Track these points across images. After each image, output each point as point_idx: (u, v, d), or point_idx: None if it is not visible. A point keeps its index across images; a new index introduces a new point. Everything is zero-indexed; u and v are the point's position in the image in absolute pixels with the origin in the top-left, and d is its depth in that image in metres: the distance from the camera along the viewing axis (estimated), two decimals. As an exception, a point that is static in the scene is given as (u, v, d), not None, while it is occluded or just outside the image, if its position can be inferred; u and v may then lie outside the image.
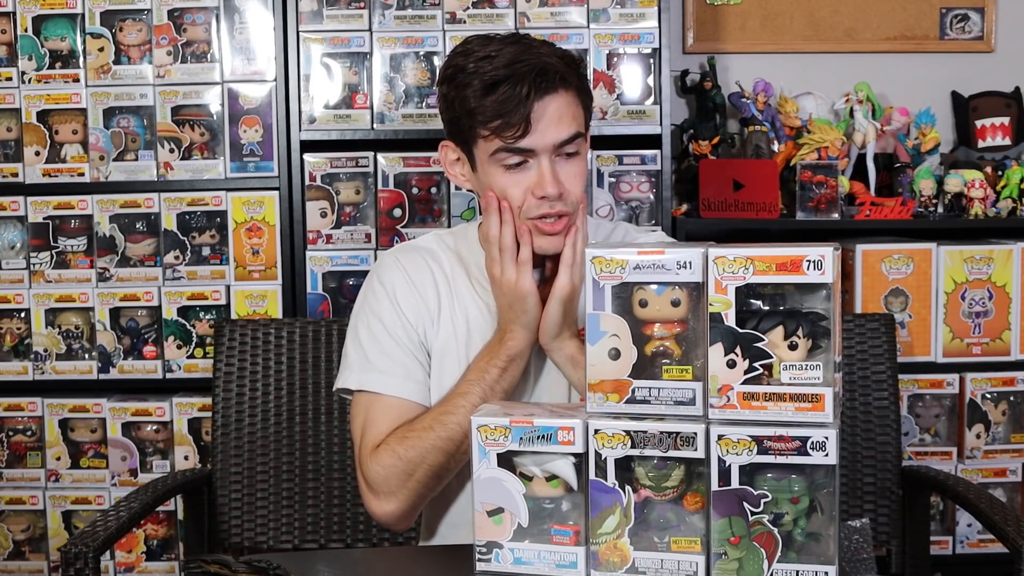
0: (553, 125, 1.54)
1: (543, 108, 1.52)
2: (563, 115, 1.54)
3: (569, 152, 1.57)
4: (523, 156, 1.55)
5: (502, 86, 1.51)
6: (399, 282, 1.66)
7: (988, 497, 1.86)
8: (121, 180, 2.52)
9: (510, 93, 1.51)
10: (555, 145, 1.55)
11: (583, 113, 1.59)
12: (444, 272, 1.69)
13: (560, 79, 1.53)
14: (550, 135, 1.54)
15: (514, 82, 1.51)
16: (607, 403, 1.25)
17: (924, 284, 2.55)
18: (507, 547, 1.30)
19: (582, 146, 1.60)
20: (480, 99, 1.53)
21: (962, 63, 2.91)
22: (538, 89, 1.51)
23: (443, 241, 1.73)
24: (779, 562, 1.20)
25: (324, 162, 2.51)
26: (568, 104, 1.55)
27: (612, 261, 1.24)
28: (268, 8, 2.49)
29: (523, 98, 1.50)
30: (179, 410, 2.53)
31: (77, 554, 1.63)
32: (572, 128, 1.56)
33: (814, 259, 1.18)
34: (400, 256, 1.71)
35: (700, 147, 2.68)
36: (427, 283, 1.67)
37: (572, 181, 1.57)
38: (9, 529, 2.58)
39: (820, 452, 1.18)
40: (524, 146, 1.53)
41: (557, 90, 1.53)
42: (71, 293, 2.53)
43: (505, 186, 1.57)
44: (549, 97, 1.52)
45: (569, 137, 1.55)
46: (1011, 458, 2.61)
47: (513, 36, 1.58)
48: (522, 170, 1.56)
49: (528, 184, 1.56)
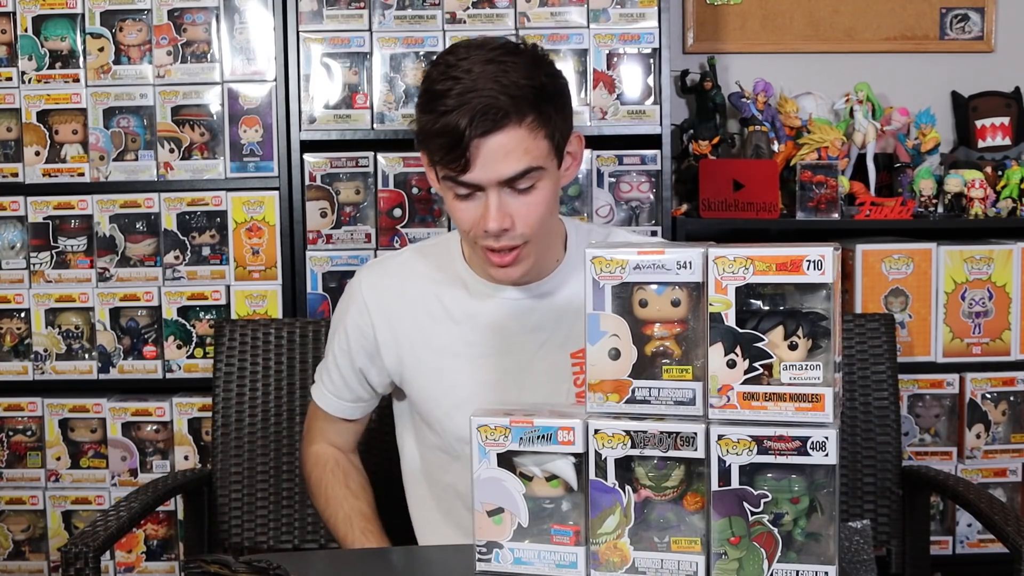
0: (497, 162, 1.51)
1: (486, 145, 1.49)
2: (511, 152, 1.51)
3: (522, 187, 1.54)
4: (470, 188, 1.54)
5: (446, 118, 1.49)
6: (354, 311, 1.74)
7: (988, 497, 1.86)
8: (121, 180, 2.52)
9: (453, 128, 1.48)
10: (500, 182, 1.52)
11: (546, 144, 1.54)
12: (420, 288, 1.72)
13: (505, 116, 1.49)
14: (493, 172, 1.51)
15: (457, 117, 1.48)
16: (607, 403, 1.25)
17: (924, 284, 2.55)
18: (507, 547, 1.30)
19: (540, 179, 1.55)
20: (428, 127, 1.52)
21: (962, 63, 2.91)
22: (478, 128, 1.48)
23: (423, 252, 1.76)
24: (779, 562, 1.20)
25: (324, 162, 2.51)
26: (518, 140, 1.51)
27: (612, 261, 1.24)
28: (268, 8, 2.49)
29: (462, 135, 1.48)
30: (179, 410, 2.53)
31: (77, 554, 1.63)
32: (522, 164, 1.52)
33: (814, 259, 1.18)
34: (370, 280, 1.75)
35: (700, 147, 2.67)
36: (398, 304, 1.72)
37: (524, 214, 1.55)
38: (9, 529, 2.58)
39: (820, 452, 1.18)
40: (467, 180, 1.52)
41: (503, 128, 1.49)
42: (71, 293, 2.53)
43: (454, 211, 1.58)
44: (493, 135, 1.49)
45: (516, 174, 1.52)
46: (1011, 458, 2.61)
47: (492, 53, 1.53)
48: (471, 199, 1.55)
49: (476, 214, 1.55)
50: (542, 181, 1.56)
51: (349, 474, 1.81)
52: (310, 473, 1.83)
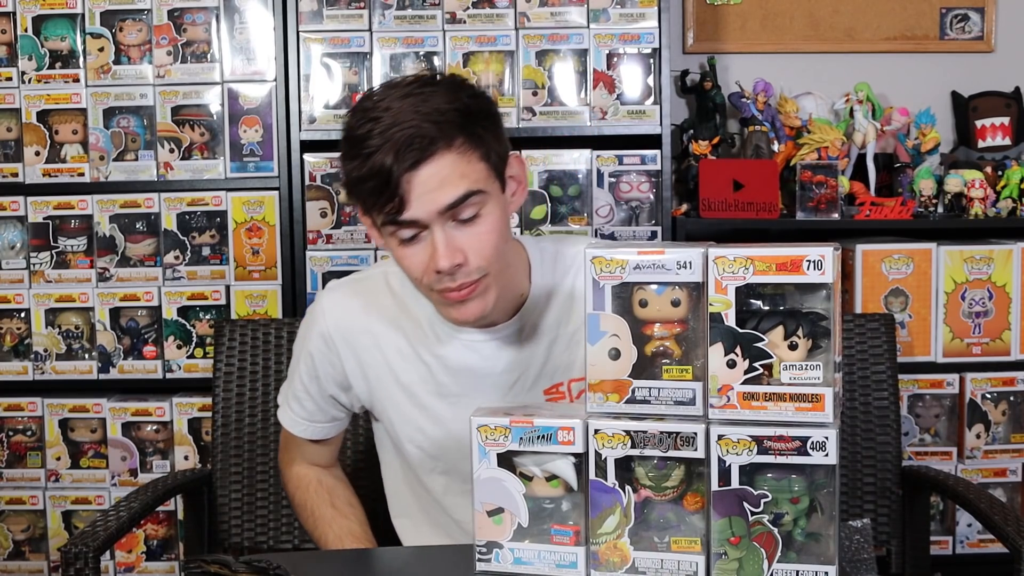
0: (433, 192, 1.42)
1: (418, 178, 1.41)
2: (445, 179, 1.43)
3: (466, 217, 1.45)
4: (412, 228, 1.45)
5: (372, 159, 1.42)
6: (318, 341, 1.67)
7: (988, 497, 1.86)
8: (121, 180, 2.52)
9: (380, 168, 1.41)
10: (440, 212, 1.43)
11: (483, 167, 1.46)
12: (386, 324, 1.65)
13: (432, 143, 1.41)
14: (431, 203, 1.42)
15: (382, 156, 1.41)
16: (607, 403, 1.25)
17: (924, 284, 2.55)
18: (507, 547, 1.30)
19: (486, 202, 1.46)
20: (356, 174, 1.44)
21: (962, 63, 2.91)
22: (405, 161, 1.40)
23: (389, 284, 1.67)
24: (779, 562, 1.20)
25: (324, 162, 2.51)
26: (451, 165, 1.43)
27: (612, 261, 1.24)
28: (268, 8, 2.49)
29: (390, 172, 1.41)
30: (179, 410, 2.53)
31: (77, 554, 1.63)
32: (459, 189, 1.43)
33: (814, 259, 1.18)
34: (335, 312, 1.67)
35: (700, 147, 2.67)
36: (363, 339, 1.65)
37: (476, 246, 1.46)
38: (9, 529, 2.58)
39: (820, 452, 1.18)
40: (406, 219, 1.44)
41: (431, 156, 1.42)
42: (71, 293, 2.53)
43: (402, 261, 1.49)
44: (424, 166, 1.41)
45: (456, 200, 1.43)
46: (1011, 458, 2.61)
47: (408, 88, 1.46)
48: (417, 242, 1.46)
49: (424, 257, 1.46)
50: (487, 207, 1.47)
51: (335, 491, 1.77)
52: (293, 495, 1.79)
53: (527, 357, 1.62)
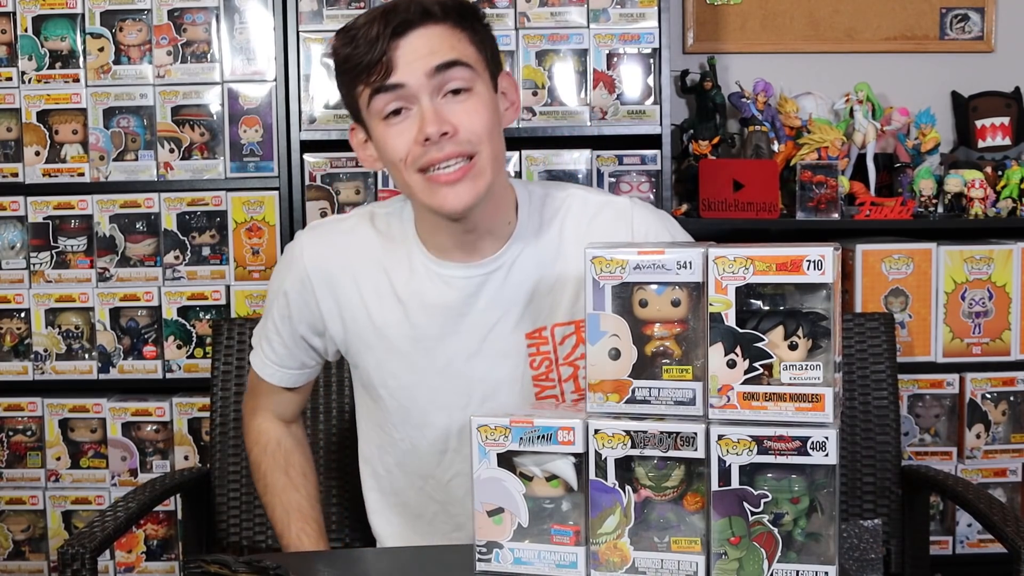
0: (422, 57, 1.43)
1: (408, 44, 1.44)
2: (435, 48, 1.44)
3: (456, 88, 1.45)
4: (398, 99, 1.45)
5: (360, 31, 1.45)
6: (294, 279, 1.64)
7: (988, 497, 1.86)
8: (121, 180, 2.52)
9: (365, 34, 1.44)
10: (428, 75, 1.44)
11: (473, 50, 1.48)
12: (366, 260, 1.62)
13: (423, 14, 1.44)
14: (420, 65, 1.43)
15: (371, 27, 1.44)
16: (607, 403, 1.25)
17: (924, 284, 2.55)
18: (507, 547, 1.30)
19: (475, 82, 1.47)
20: (343, 51, 1.47)
21: (962, 63, 2.91)
22: (391, 25, 1.43)
23: (373, 223, 1.64)
24: (779, 562, 1.20)
25: (324, 162, 2.51)
26: (441, 37, 1.45)
27: (612, 261, 1.24)
28: (268, 8, 2.49)
29: (375, 37, 1.43)
30: (179, 410, 2.53)
31: (74, 555, 1.63)
32: (448, 55, 1.44)
33: (814, 259, 1.18)
34: (313, 248, 1.64)
35: (700, 147, 2.67)
36: (341, 275, 1.62)
37: (465, 121, 1.45)
38: (9, 529, 2.58)
39: (820, 452, 1.18)
40: (392, 82, 1.44)
41: (421, 25, 1.44)
42: (71, 293, 2.53)
43: (386, 139, 1.47)
44: (414, 33, 1.44)
45: (444, 62, 1.44)
46: (1011, 458, 2.61)
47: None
48: (403, 119, 1.46)
49: (411, 132, 1.45)
50: (477, 87, 1.47)
51: (291, 457, 1.74)
52: (250, 450, 1.77)
53: (509, 297, 1.57)
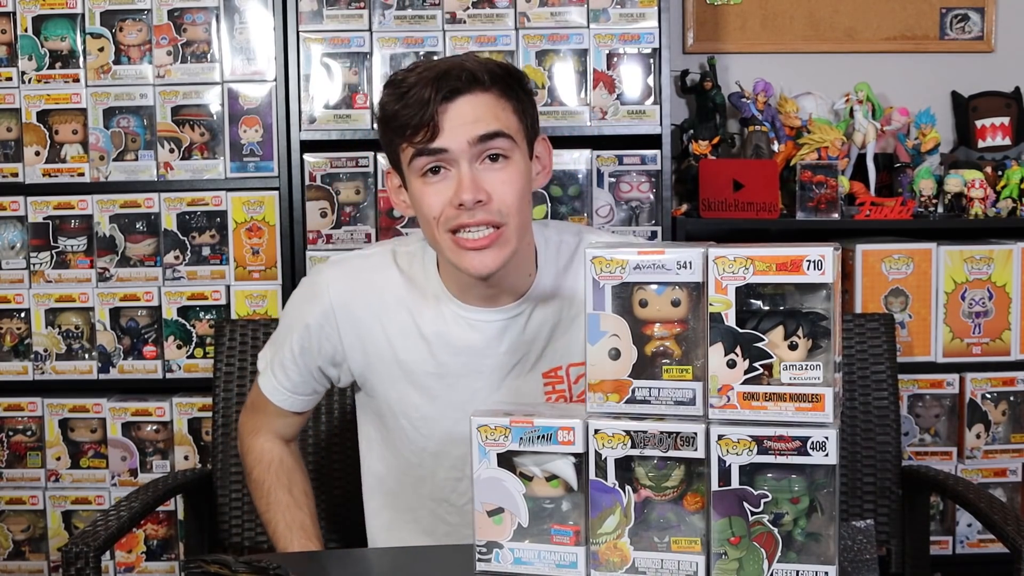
0: (467, 124, 1.49)
1: (455, 110, 1.49)
2: (480, 116, 1.50)
3: (494, 155, 1.51)
4: (439, 161, 1.50)
5: (411, 91, 1.49)
6: (319, 313, 1.66)
7: (988, 497, 1.86)
8: (121, 180, 2.52)
9: (417, 96, 1.48)
10: (470, 143, 1.49)
11: (515, 119, 1.53)
12: (391, 299, 1.65)
13: (471, 80, 1.49)
14: (463, 133, 1.49)
15: (421, 86, 1.48)
16: (607, 403, 1.25)
17: (924, 284, 2.55)
18: (507, 547, 1.30)
19: (513, 152, 1.52)
20: (392, 107, 1.51)
21: (962, 63, 2.91)
22: (442, 90, 1.48)
23: (396, 261, 1.68)
24: (779, 562, 1.20)
25: (324, 162, 2.51)
26: (488, 106, 1.51)
27: (612, 261, 1.24)
28: (268, 8, 2.49)
29: (426, 101, 1.47)
30: (179, 410, 2.53)
31: (78, 554, 1.63)
32: (492, 126, 1.50)
33: (814, 259, 1.18)
34: (340, 284, 1.67)
35: (700, 147, 2.67)
36: (367, 312, 1.65)
37: (499, 190, 1.50)
38: (9, 529, 2.58)
39: (820, 452, 1.18)
40: (436, 147, 1.49)
41: (470, 91, 1.49)
42: (71, 293, 2.53)
43: (423, 196, 1.52)
44: (462, 99, 1.49)
45: (488, 133, 1.49)
46: (1011, 458, 2.61)
47: (454, 56, 1.58)
48: (442, 179, 1.51)
49: (447, 194, 1.50)
50: (515, 157, 1.52)
51: (293, 476, 1.76)
52: (252, 469, 1.78)
53: (529, 340, 1.64)
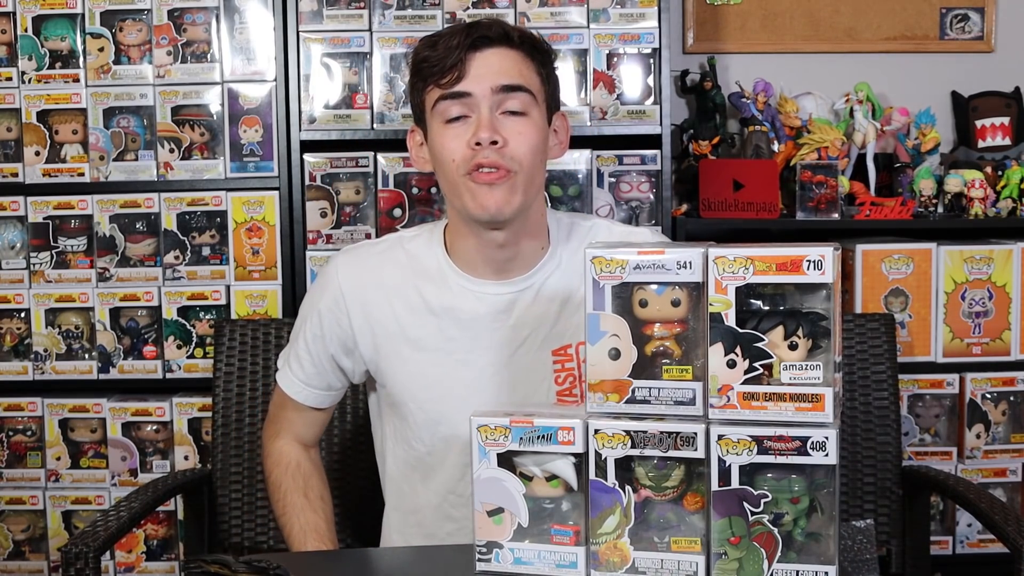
0: (492, 73, 1.56)
1: (483, 58, 1.57)
2: (505, 68, 1.57)
3: (515, 110, 1.57)
4: (462, 105, 1.57)
5: (443, 39, 1.58)
6: (328, 298, 1.71)
7: (988, 497, 1.86)
8: (121, 180, 2.52)
9: (447, 42, 1.57)
10: (493, 90, 1.56)
11: (537, 80, 1.61)
12: (399, 278, 1.69)
13: (501, 37, 1.58)
14: (487, 79, 1.56)
15: (452, 36, 1.58)
16: (607, 403, 1.25)
17: (924, 284, 2.55)
18: (507, 547, 1.30)
19: (531, 110, 1.59)
20: (423, 52, 1.60)
21: (962, 63, 2.91)
22: (471, 38, 1.56)
23: (404, 245, 1.72)
24: (779, 562, 1.20)
25: (324, 162, 2.51)
26: (513, 61, 1.58)
27: (612, 261, 1.24)
28: (268, 8, 2.49)
29: (456, 46, 1.56)
30: (179, 410, 2.53)
31: (78, 554, 1.63)
32: (515, 79, 1.57)
33: (814, 259, 1.18)
34: (348, 268, 1.72)
35: (700, 147, 2.67)
36: (375, 293, 1.69)
37: (514, 135, 1.57)
38: (9, 529, 2.58)
39: (820, 452, 1.18)
40: (460, 89, 1.56)
41: (497, 45, 1.58)
42: (71, 293, 2.53)
43: (443, 140, 1.58)
44: (489, 50, 1.57)
45: (510, 84, 1.57)
46: (1011, 458, 2.61)
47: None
48: (462, 123, 1.57)
49: (466, 137, 1.56)
50: (533, 114, 1.59)
51: (310, 480, 1.78)
52: (270, 472, 1.80)
53: (539, 315, 1.65)
